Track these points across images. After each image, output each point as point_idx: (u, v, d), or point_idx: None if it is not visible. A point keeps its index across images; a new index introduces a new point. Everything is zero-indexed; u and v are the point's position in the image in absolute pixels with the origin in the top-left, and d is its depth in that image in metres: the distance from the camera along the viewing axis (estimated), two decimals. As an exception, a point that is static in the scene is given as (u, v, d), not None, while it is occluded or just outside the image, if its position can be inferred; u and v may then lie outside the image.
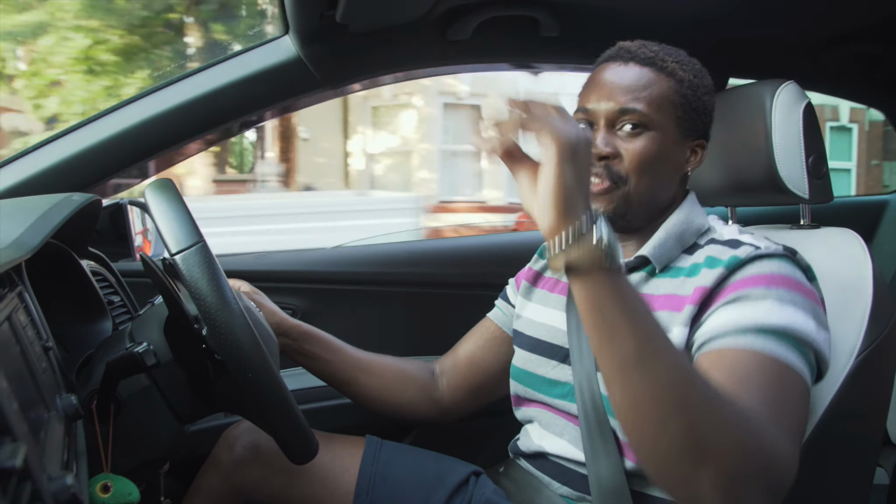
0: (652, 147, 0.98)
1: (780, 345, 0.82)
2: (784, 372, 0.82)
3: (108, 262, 1.37)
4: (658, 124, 0.98)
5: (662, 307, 0.96)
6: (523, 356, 1.13)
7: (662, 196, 1.03)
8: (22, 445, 0.45)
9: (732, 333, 0.85)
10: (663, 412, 0.67)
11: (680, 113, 1.00)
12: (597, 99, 1.00)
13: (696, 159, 1.04)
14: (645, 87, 0.98)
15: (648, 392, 0.68)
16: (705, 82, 1.03)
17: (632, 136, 0.98)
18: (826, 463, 0.97)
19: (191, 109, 1.39)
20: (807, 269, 0.94)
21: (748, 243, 0.94)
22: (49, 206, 0.91)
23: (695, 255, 0.99)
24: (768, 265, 0.90)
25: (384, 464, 1.15)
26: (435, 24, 1.43)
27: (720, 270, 0.91)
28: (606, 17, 1.49)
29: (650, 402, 0.68)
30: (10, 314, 0.66)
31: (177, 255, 0.78)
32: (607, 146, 0.98)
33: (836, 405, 0.97)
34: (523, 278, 1.23)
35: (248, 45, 1.43)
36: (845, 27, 1.63)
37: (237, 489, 1.14)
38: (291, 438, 0.87)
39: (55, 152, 1.35)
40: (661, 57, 1.00)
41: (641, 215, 1.02)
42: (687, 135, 1.02)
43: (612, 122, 0.99)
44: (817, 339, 0.85)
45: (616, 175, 0.98)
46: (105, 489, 0.80)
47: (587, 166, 0.73)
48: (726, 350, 0.84)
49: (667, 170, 1.01)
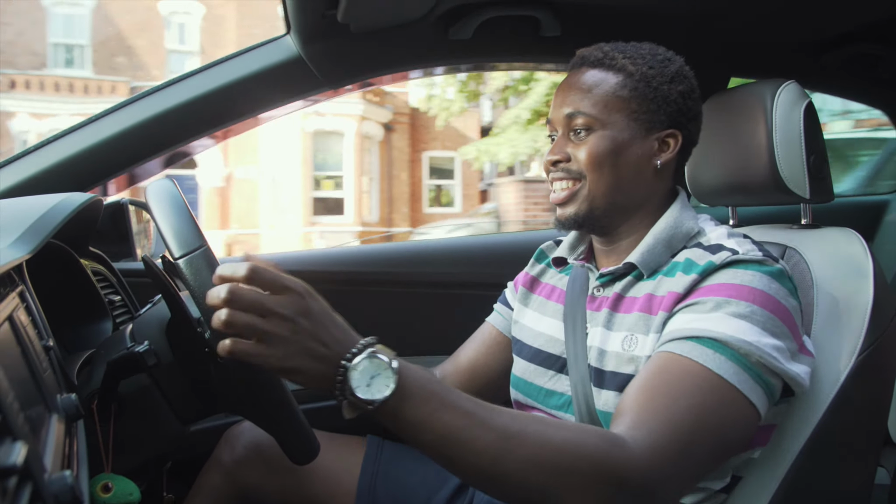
0: (601, 144, 0.99)
1: (712, 354, 0.84)
2: (706, 379, 0.83)
3: (109, 261, 1.37)
4: (608, 122, 0.99)
5: (640, 309, 0.97)
6: (522, 365, 1.12)
7: (632, 192, 1.02)
8: (23, 445, 0.45)
9: (675, 339, 0.88)
10: (504, 476, 0.75)
11: (634, 106, 0.99)
12: (554, 108, 1.04)
13: (670, 150, 1.02)
14: (590, 89, 1.00)
15: (475, 466, 0.75)
16: (667, 70, 1.01)
17: (582, 138, 1.00)
18: (827, 463, 0.97)
19: (192, 109, 1.39)
20: (790, 279, 0.93)
21: (729, 248, 0.93)
22: (50, 206, 0.91)
23: (677, 256, 0.99)
24: (738, 274, 0.90)
25: (386, 463, 1.15)
26: (436, 23, 1.43)
27: (694, 277, 0.92)
28: (607, 17, 1.49)
29: (487, 476, 0.76)
30: (10, 314, 0.66)
31: (180, 259, 0.78)
32: (558, 152, 1.01)
33: (836, 405, 0.97)
34: (521, 283, 1.22)
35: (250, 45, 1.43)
36: (846, 27, 1.62)
37: (238, 489, 1.14)
38: (293, 439, 0.87)
39: (56, 152, 1.35)
40: (610, 56, 1.01)
41: (613, 214, 1.02)
42: (650, 127, 1.00)
43: (567, 126, 1.02)
44: (765, 352, 0.85)
45: (575, 173, 1.00)
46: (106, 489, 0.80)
47: (320, 322, 0.74)
48: (664, 353, 0.88)
49: (626, 165, 1.00)
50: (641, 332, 0.95)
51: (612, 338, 0.98)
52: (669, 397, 0.83)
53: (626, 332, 0.97)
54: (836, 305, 1.01)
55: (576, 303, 1.06)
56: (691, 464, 0.81)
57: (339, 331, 0.76)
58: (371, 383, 0.73)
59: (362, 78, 1.51)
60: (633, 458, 0.77)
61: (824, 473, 0.97)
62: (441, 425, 0.74)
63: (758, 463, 0.98)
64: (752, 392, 0.84)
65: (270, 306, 0.72)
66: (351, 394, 0.73)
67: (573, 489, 0.75)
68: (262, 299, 0.72)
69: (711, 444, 0.83)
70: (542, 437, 0.76)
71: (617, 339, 0.97)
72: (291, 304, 0.72)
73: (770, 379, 0.86)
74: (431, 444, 0.74)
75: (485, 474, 0.75)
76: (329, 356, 0.73)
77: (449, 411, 0.74)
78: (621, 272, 1.02)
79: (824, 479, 0.97)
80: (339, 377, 0.73)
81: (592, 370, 0.99)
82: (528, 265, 1.23)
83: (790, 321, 0.89)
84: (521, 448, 0.75)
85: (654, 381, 0.86)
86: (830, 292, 1.02)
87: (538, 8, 1.43)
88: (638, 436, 0.80)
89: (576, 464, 0.75)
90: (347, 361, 0.73)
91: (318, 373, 0.73)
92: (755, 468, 0.98)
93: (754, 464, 0.98)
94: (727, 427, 0.84)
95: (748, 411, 0.85)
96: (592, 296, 1.05)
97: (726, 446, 0.85)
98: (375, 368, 0.73)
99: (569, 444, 0.76)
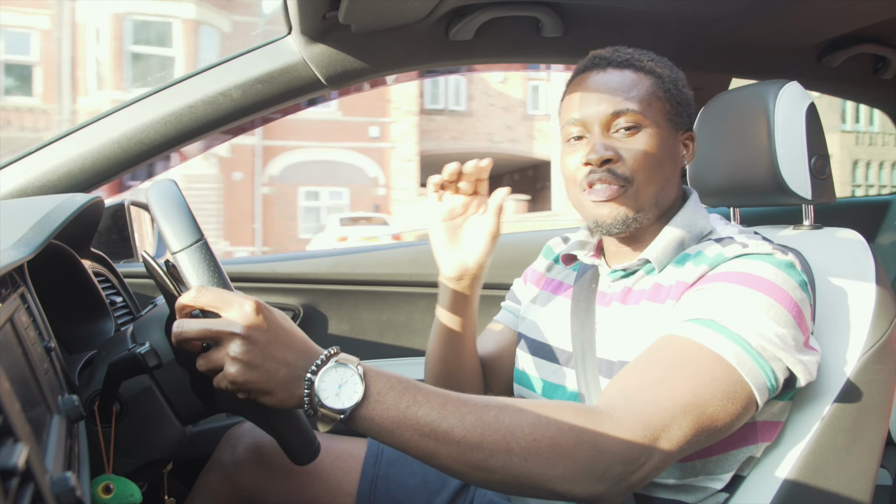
0: (651, 143, 0.98)
1: (712, 334, 0.84)
2: (701, 355, 0.83)
3: (111, 262, 1.37)
4: (651, 121, 0.98)
5: (649, 299, 0.98)
6: (526, 359, 1.13)
7: (669, 193, 1.02)
8: (24, 446, 0.45)
9: (678, 322, 0.88)
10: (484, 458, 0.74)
11: (668, 107, 1.01)
12: (587, 106, 0.99)
13: (689, 152, 1.05)
14: (631, 88, 0.99)
15: (458, 455, 0.74)
16: (681, 75, 1.04)
17: (629, 136, 0.98)
18: (829, 464, 0.97)
19: (194, 111, 1.39)
20: (801, 272, 0.92)
21: (739, 242, 0.94)
22: (51, 207, 0.91)
23: (688, 249, 1.00)
24: (745, 264, 0.90)
25: (386, 465, 1.15)
26: (437, 24, 1.43)
27: (703, 267, 0.93)
28: (609, 17, 1.49)
29: (471, 464, 0.75)
30: (12, 315, 0.66)
31: (178, 253, 0.78)
32: (607, 150, 0.97)
33: (838, 406, 0.96)
34: (529, 279, 1.23)
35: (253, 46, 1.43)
36: (848, 28, 1.62)
37: (239, 490, 1.14)
38: (293, 440, 0.87)
39: (58, 153, 1.35)
40: (636, 58, 1.02)
41: (651, 215, 1.01)
42: (678, 128, 1.03)
43: (607, 125, 0.98)
44: (768, 338, 0.85)
45: (622, 177, 0.97)
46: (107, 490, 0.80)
47: (276, 337, 0.75)
48: (665, 335, 0.88)
49: (668, 165, 1.01)
50: (650, 323, 0.95)
51: (621, 330, 0.99)
52: (659, 368, 0.84)
53: (635, 323, 0.98)
54: (838, 306, 1.01)
55: (585, 297, 1.07)
56: (677, 435, 0.79)
57: (298, 343, 0.76)
58: (339, 392, 0.73)
59: (364, 79, 1.51)
60: (613, 426, 0.77)
61: (826, 474, 0.97)
62: (417, 420, 0.74)
63: (760, 462, 0.98)
64: (749, 374, 0.84)
65: (219, 328, 0.73)
66: (321, 405, 0.73)
67: (557, 465, 0.75)
68: (207, 325, 0.73)
69: (698, 417, 0.80)
70: (520, 417, 0.76)
71: (626, 330, 0.98)
72: (241, 320, 0.73)
73: (772, 365, 0.85)
74: (411, 441, 0.74)
75: (468, 463, 0.75)
76: (293, 370, 0.74)
77: (423, 405, 0.74)
78: (635, 267, 1.02)
79: (826, 479, 0.97)
80: (306, 390, 0.74)
81: (602, 362, 1.00)
82: (535, 261, 1.25)
83: (797, 312, 0.88)
84: (500, 430, 0.75)
85: (646, 356, 0.87)
86: (832, 293, 1.02)
87: (540, 9, 1.43)
88: (617, 403, 0.80)
89: (557, 439, 0.75)
90: (313, 374, 0.74)
91: (285, 390, 0.74)
92: (756, 468, 0.98)
93: (756, 463, 0.98)
94: (717, 403, 0.82)
95: (744, 393, 0.84)
96: (602, 291, 1.06)
97: (715, 423, 0.82)
98: (342, 376, 0.74)
99: (548, 421, 0.76)
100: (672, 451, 0.79)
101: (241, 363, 0.72)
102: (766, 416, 0.95)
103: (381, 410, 0.74)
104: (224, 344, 0.73)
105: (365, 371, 0.75)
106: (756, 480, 0.97)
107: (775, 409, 0.96)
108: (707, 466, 0.95)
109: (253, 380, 0.73)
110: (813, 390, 0.96)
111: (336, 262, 1.73)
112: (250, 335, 0.73)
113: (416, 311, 1.72)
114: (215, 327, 0.73)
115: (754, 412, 0.87)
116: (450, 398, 0.76)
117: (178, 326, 0.74)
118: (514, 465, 0.74)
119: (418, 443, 0.74)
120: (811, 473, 0.96)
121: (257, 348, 0.73)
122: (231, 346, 0.73)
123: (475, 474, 0.76)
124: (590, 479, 0.76)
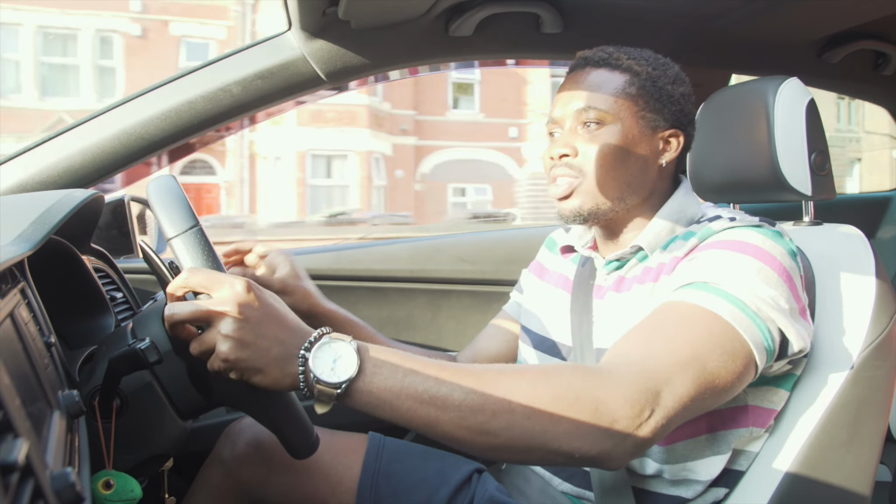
0: (612, 139, 1.01)
1: (707, 295, 0.85)
2: (697, 315, 0.84)
3: (111, 258, 1.37)
4: (617, 118, 1.01)
5: (641, 282, 1.00)
6: (528, 352, 1.14)
7: (638, 189, 1.04)
8: (24, 442, 0.45)
9: (673, 290, 0.90)
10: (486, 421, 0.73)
11: (641, 104, 1.02)
12: (560, 105, 1.05)
13: (673, 149, 1.06)
14: (600, 86, 1.02)
15: (458, 420, 0.73)
16: (669, 72, 1.05)
17: (592, 133, 1.02)
18: (828, 460, 0.97)
19: (193, 106, 1.39)
20: (790, 241, 0.94)
21: (726, 217, 0.97)
22: (52, 203, 0.91)
23: (678, 233, 1.02)
24: (734, 233, 0.92)
25: (387, 461, 1.15)
26: (437, 20, 1.42)
27: (693, 241, 0.95)
28: (608, 13, 1.49)
29: (473, 429, 0.73)
30: (12, 310, 0.66)
31: (173, 239, 0.78)
32: (565, 147, 1.02)
33: (838, 402, 0.97)
34: (532, 271, 1.26)
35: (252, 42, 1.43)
36: (849, 24, 1.62)
37: (239, 485, 1.14)
38: (291, 433, 0.87)
39: (58, 149, 1.35)
40: (615, 56, 1.04)
41: (619, 208, 1.03)
42: (654, 126, 1.03)
43: (574, 123, 1.03)
44: (762, 298, 0.85)
45: (577, 171, 1.02)
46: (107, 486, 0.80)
47: (269, 314, 0.75)
48: (663, 303, 0.89)
49: (634, 162, 1.02)
50: (644, 302, 0.97)
51: (616, 317, 1.00)
52: (656, 329, 0.84)
53: (629, 308, 0.99)
54: (838, 302, 1.01)
55: (583, 291, 1.09)
56: (679, 390, 0.78)
57: (291, 322, 0.76)
58: (335, 366, 0.73)
59: (364, 74, 1.51)
60: (613, 381, 0.76)
61: (826, 470, 0.97)
62: (415, 388, 0.73)
63: (759, 458, 0.98)
64: (747, 331, 0.84)
65: (209, 308, 0.73)
66: (317, 381, 0.72)
67: (560, 421, 0.74)
68: (198, 305, 0.73)
69: (699, 372, 0.80)
70: (518, 377, 0.76)
71: (621, 317, 0.99)
72: (232, 299, 0.73)
73: (767, 325, 0.85)
74: (411, 410, 0.73)
75: (470, 427, 0.73)
76: (286, 348, 0.74)
77: (419, 374, 0.74)
78: (628, 256, 1.04)
79: (825, 475, 0.97)
80: (300, 367, 0.73)
81: (599, 352, 1.01)
82: (539, 252, 1.27)
83: (787, 276, 0.89)
84: (500, 390, 0.74)
85: (644, 322, 0.87)
86: (832, 289, 1.02)
87: (539, 5, 1.43)
88: (617, 361, 0.80)
89: (557, 393, 0.74)
90: (306, 351, 0.73)
91: (278, 368, 0.73)
92: (756, 463, 0.98)
93: (756, 458, 0.98)
94: (717, 359, 0.82)
95: (743, 350, 0.83)
96: (599, 284, 1.08)
97: (716, 380, 0.81)
98: (336, 351, 0.73)
99: (547, 379, 0.76)
100: (676, 408, 0.78)
101: (232, 340, 0.72)
102: (759, 401, 0.96)
103: (378, 381, 0.73)
104: (216, 323, 0.73)
105: (359, 345, 0.75)
106: (755, 476, 0.97)
107: (772, 396, 0.96)
108: (698, 447, 0.95)
109: (245, 357, 0.72)
110: (813, 386, 0.96)
111: (336, 257, 1.73)
112: (242, 312, 0.72)
113: (416, 306, 1.72)
114: (206, 307, 0.73)
115: (754, 375, 0.87)
116: (446, 366, 0.76)
117: (170, 309, 0.74)
118: (517, 424, 0.73)
119: (418, 411, 0.73)
120: (811, 469, 0.96)
121: (249, 325, 0.72)
122: (222, 324, 0.72)
123: (479, 439, 0.74)
124: (595, 434, 0.74)
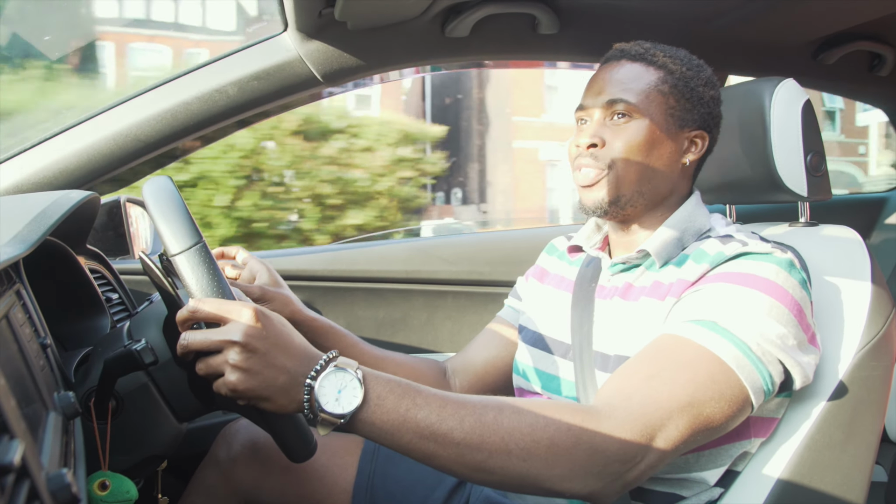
0: (639, 134, 1.00)
1: (712, 335, 0.85)
2: (700, 356, 0.85)
3: (106, 259, 1.37)
4: (646, 113, 1.01)
5: (648, 295, 0.99)
6: (526, 350, 1.14)
7: (660, 185, 1.04)
8: (20, 443, 0.45)
9: (678, 322, 0.90)
10: (483, 460, 0.76)
11: (672, 102, 1.02)
12: (590, 95, 1.05)
13: (697, 150, 1.05)
14: (633, 80, 1.02)
15: (458, 456, 0.75)
16: (702, 75, 1.05)
17: (620, 124, 1.01)
18: (824, 460, 0.97)
19: (189, 108, 1.38)
20: (800, 270, 0.93)
21: (738, 240, 0.96)
22: (47, 204, 0.91)
23: (687, 249, 1.01)
24: (745, 264, 0.91)
25: (383, 462, 1.15)
26: (433, 21, 1.42)
27: (704, 266, 0.94)
28: (605, 14, 1.49)
29: (471, 465, 0.76)
30: (7, 312, 0.66)
31: (176, 256, 0.78)
32: (594, 136, 1.02)
33: (834, 402, 0.97)
34: (532, 275, 1.25)
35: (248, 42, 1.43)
36: (844, 25, 1.63)
37: (235, 487, 1.14)
38: (290, 438, 0.86)
39: (54, 150, 1.35)
40: (651, 52, 1.04)
41: (638, 203, 1.03)
42: (682, 125, 1.03)
43: (604, 114, 1.03)
44: (768, 339, 0.86)
45: (602, 162, 1.01)
46: (103, 487, 0.80)
47: (276, 343, 0.75)
48: (663, 334, 0.89)
49: (659, 158, 1.02)
50: (649, 319, 0.96)
51: (619, 324, 1.00)
52: (658, 368, 0.85)
53: (633, 319, 0.98)
54: (833, 303, 1.01)
55: (585, 290, 1.09)
56: (673, 434, 0.81)
57: (297, 349, 0.77)
58: (339, 397, 0.74)
59: (360, 75, 1.51)
60: (611, 426, 0.78)
61: (822, 470, 0.97)
62: (417, 423, 0.75)
63: (755, 458, 0.98)
64: (748, 378, 0.85)
65: (218, 339, 0.74)
66: (321, 410, 0.74)
67: (555, 465, 0.76)
68: (209, 336, 0.74)
69: (694, 418, 0.82)
70: (518, 418, 0.77)
71: (624, 325, 0.99)
72: (239, 329, 0.74)
73: (770, 369, 0.86)
74: (411, 443, 0.75)
75: (468, 464, 0.76)
76: (292, 376, 0.75)
77: (422, 408, 0.75)
78: (634, 260, 1.04)
79: (821, 475, 0.97)
80: (306, 396, 0.74)
81: (598, 355, 1.00)
82: (539, 258, 1.27)
83: (798, 310, 0.89)
84: (500, 431, 0.76)
85: (645, 355, 0.88)
86: (828, 290, 1.02)
87: (535, 6, 1.43)
88: (615, 402, 0.81)
89: (555, 439, 0.76)
90: (312, 379, 0.75)
91: (284, 396, 0.75)
92: (752, 463, 0.98)
93: (752, 458, 0.98)
94: (714, 404, 0.83)
95: (741, 395, 0.85)
96: (602, 285, 1.07)
97: (710, 423, 0.84)
98: (341, 381, 0.74)
99: (546, 422, 0.77)
100: (668, 450, 0.81)
101: (240, 371, 0.73)
102: (760, 412, 0.96)
103: (381, 414, 0.75)
104: (224, 351, 0.74)
105: (364, 375, 0.75)
106: (751, 476, 0.98)
107: (771, 406, 0.96)
108: (700, 461, 0.96)
109: (253, 387, 0.74)
110: (809, 387, 0.97)
111: (332, 258, 1.73)
112: (249, 343, 0.73)
113: (412, 307, 1.72)
114: (216, 337, 0.74)
115: (749, 413, 0.88)
116: (449, 400, 0.77)
117: (184, 340, 0.75)
118: (514, 465, 0.76)
119: (418, 445, 0.75)
120: (807, 469, 0.97)
121: (256, 356, 0.74)
122: (230, 353, 0.73)
123: (475, 475, 0.77)
124: (587, 477, 0.77)
